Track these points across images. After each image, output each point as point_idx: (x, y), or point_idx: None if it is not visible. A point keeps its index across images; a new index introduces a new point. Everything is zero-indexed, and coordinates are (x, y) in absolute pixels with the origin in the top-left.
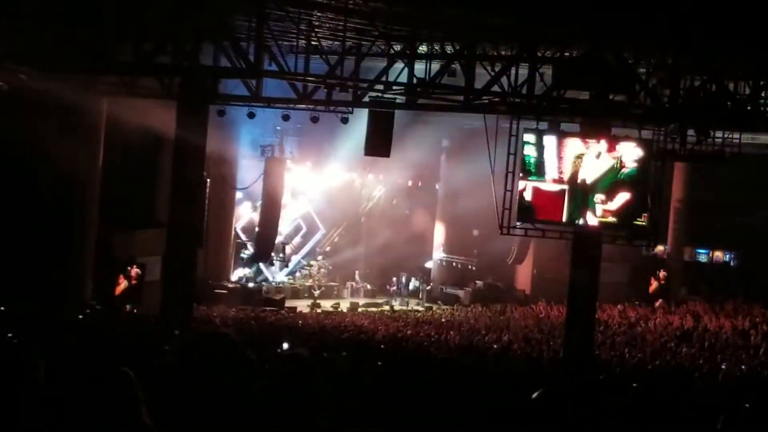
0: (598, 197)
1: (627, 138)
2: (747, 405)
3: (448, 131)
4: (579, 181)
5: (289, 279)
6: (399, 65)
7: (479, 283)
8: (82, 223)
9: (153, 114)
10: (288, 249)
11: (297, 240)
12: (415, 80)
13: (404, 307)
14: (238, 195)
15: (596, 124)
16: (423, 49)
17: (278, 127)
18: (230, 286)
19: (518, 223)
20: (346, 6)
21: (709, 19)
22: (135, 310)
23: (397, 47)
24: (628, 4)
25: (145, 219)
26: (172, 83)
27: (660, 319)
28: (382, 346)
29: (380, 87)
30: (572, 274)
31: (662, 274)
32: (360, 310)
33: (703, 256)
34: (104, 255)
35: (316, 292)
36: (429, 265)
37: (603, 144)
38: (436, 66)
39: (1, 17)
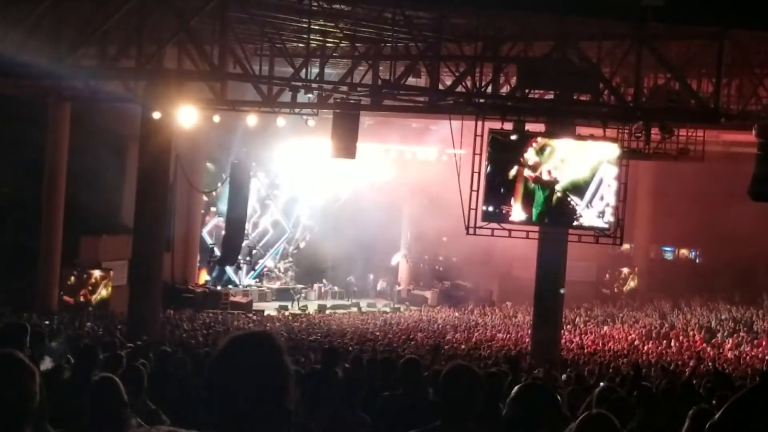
0: (568, 196)
1: (592, 137)
2: (714, 402)
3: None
4: (547, 179)
5: (256, 282)
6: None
7: (446, 283)
8: (49, 229)
9: (118, 118)
10: (255, 252)
11: (264, 243)
12: (379, 81)
13: (372, 309)
14: (204, 198)
15: (561, 123)
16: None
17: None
18: (197, 290)
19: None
20: (309, 8)
21: (672, 15)
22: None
23: (362, 49)
24: (591, 2)
25: (112, 223)
26: (137, 87)
27: (627, 317)
28: (351, 348)
29: (345, 89)
30: (539, 274)
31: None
32: (328, 311)
33: (668, 254)
34: (70, 260)
35: (298, 296)
36: (396, 261)
37: (571, 143)
38: (401, 67)
39: None
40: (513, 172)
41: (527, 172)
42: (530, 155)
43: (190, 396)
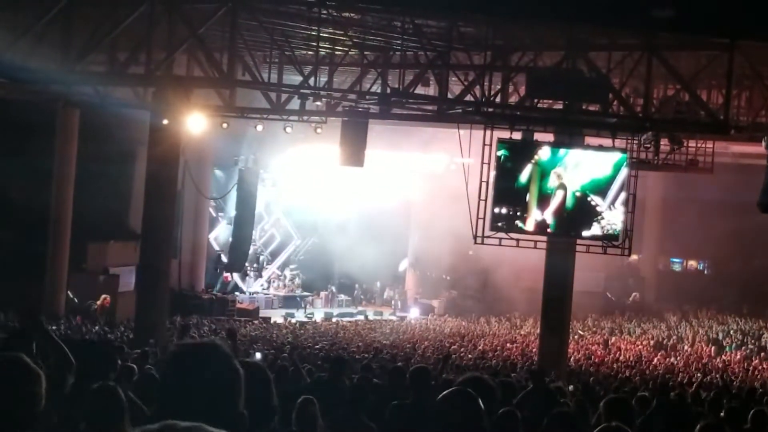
0: (588, 195)
1: (601, 147)
2: (722, 415)
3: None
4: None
5: (263, 289)
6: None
7: (453, 292)
8: (57, 234)
9: (127, 124)
10: (261, 259)
11: (271, 249)
12: (388, 90)
13: (379, 317)
14: (212, 204)
15: (570, 133)
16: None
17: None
18: (204, 296)
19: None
20: (319, 16)
21: (683, 26)
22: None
23: (371, 57)
24: (601, 12)
25: (119, 229)
26: (146, 93)
27: (635, 328)
28: (357, 357)
29: (353, 97)
30: (546, 283)
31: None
32: (334, 319)
33: (677, 265)
34: (78, 265)
35: (304, 304)
36: (403, 268)
37: (582, 153)
38: (410, 75)
39: None
40: (527, 172)
41: (544, 173)
42: (545, 152)
43: None
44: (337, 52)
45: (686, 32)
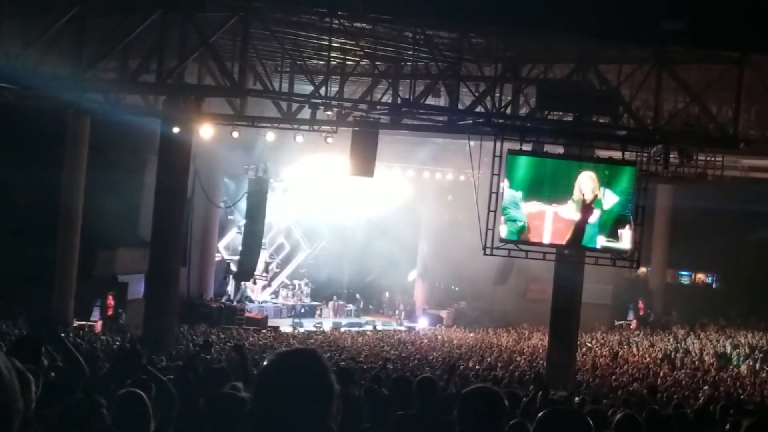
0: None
1: (611, 159)
2: (728, 427)
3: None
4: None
5: (271, 297)
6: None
7: (462, 303)
8: (66, 241)
9: (138, 132)
10: (271, 267)
11: (280, 258)
12: (399, 100)
13: (387, 327)
14: (225, 210)
15: (580, 145)
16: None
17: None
18: (213, 305)
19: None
20: (330, 26)
21: (693, 40)
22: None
23: (382, 67)
24: (612, 25)
25: (129, 237)
26: (157, 101)
27: (642, 341)
28: (365, 367)
29: (364, 107)
30: (555, 296)
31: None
32: (343, 329)
33: (685, 278)
34: (86, 272)
35: (301, 310)
36: (412, 278)
37: (592, 165)
38: (420, 86)
39: None
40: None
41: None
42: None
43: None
44: (348, 62)
45: (696, 46)
